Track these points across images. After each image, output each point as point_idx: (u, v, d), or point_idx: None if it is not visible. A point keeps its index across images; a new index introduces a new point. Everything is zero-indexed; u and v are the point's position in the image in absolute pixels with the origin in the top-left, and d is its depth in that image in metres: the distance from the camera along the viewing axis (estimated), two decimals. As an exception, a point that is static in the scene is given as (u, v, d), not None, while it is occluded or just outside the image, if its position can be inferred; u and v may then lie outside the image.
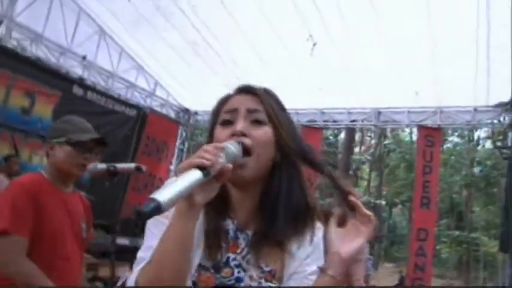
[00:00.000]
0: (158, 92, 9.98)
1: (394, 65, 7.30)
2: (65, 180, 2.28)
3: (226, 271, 1.10)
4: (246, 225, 1.14)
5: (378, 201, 30.96)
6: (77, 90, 8.10)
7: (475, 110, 8.08)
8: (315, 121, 9.33)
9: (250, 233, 1.13)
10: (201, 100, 10.15)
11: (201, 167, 0.93)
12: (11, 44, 7.07)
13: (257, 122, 1.13)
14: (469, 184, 26.60)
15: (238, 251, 1.11)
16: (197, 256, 1.08)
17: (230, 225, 1.14)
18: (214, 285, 1.08)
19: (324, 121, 9.38)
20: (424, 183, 8.05)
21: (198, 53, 8.28)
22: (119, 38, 8.39)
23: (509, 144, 8.04)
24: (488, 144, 27.30)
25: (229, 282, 1.08)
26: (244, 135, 1.09)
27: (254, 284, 1.08)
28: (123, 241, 4.17)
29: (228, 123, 1.14)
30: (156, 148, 9.97)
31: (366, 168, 35.23)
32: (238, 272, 1.10)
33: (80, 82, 8.19)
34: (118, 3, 7.24)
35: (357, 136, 32.58)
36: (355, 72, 7.82)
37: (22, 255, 1.98)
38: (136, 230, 7.32)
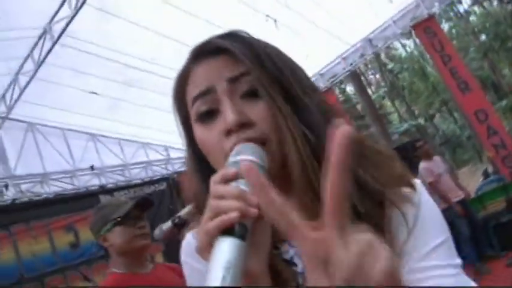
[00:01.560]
0: (172, 154, 9.88)
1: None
2: (136, 260, 2.13)
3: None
4: None
5: (415, 122, 30.44)
6: (105, 199, 8.03)
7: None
8: (321, 86, 9.10)
9: None
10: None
11: (230, 229, 0.56)
12: (26, 197, 7.08)
13: (250, 94, 0.71)
14: (486, 51, 25.79)
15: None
16: None
17: (289, 251, 0.74)
18: None
19: (327, 80, 9.13)
20: (450, 71, 7.71)
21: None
22: (109, 131, 8.32)
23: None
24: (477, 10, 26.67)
25: None
26: (244, 125, 0.69)
27: None
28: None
29: (208, 116, 0.72)
30: (203, 202, 9.84)
31: (387, 102, 34.77)
32: None
33: (103, 190, 8.14)
34: (78, 100, 7.19)
35: (362, 80, 32.31)
36: (329, 21, 7.64)
37: None
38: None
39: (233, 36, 0.75)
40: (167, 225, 2.07)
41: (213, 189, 0.59)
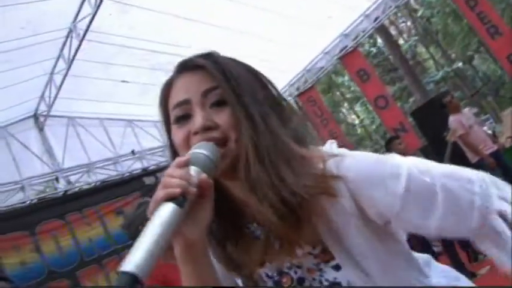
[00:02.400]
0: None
1: None
2: (172, 251, 2.35)
3: (285, 281, 0.93)
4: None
5: (454, 66, 29.43)
6: (149, 180, 8.40)
7: None
8: (346, 46, 9.03)
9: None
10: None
11: (172, 199, 0.73)
12: (76, 187, 7.53)
13: (217, 105, 0.87)
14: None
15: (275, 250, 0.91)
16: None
17: (256, 230, 0.92)
18: None
19: (353, 40, 9.05)
20: (478, 16, 7.47)
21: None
22: (145, 115, 8.62)
23: None
24: None
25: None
26: (208, 128, 0.85)
27: (316, 275, 0.91)
28: None
29: (183, 119, 0.88)
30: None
31: (421, 49, 33.70)
32: (295, 273, 0.93)
33: (146, 172, 8.50)
34: (111, 89, 7.46)
35: (392, 30, 31.34)
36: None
37: None
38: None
39: (210, 56, 0.92)
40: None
41: (167, 171, 0.78)
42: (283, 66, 8.98)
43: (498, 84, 31.26)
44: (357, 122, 35.13)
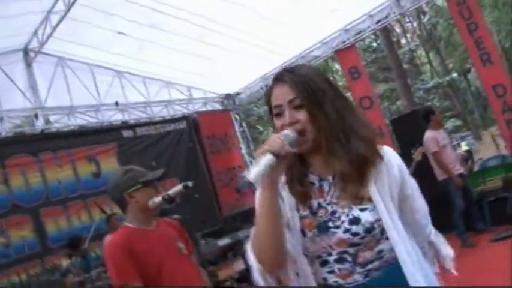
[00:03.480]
0: (195, 94, 10.22)
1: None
2: (148, 219, 2.51)
3: (321, 212, 1.40)
4: (325, 174, 1.43)
5: (449, 78, 29.61)
6: (127, 133, 8.53)
7: None
8: (344, 41, 9.14)
9: (330, 177, 1.42)
10: (237, 79, 10.28)
11: (272, 153, 1.28)
12: (54, 127, 7.60)
13: (298, 107, 1.38)
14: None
15: (325, 194, 1.42)
16: (295, 216, 1.42)
17: (314, 178, 1.45)
18: (316, 225, 1.39)
19: (353, 37, 9.15)
20: (475, 42, 7.63)
21: (207, 41, 8.37)
22: (135, 69, 8.67)
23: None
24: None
25: (327, 219, 1.39)
26: (292, 123, 1.37)
27: (346, 210, 1.37)
28: (224, 241, 4.39)
29: (279, 115, 1.41)
30: (221, 142, 10.24)
31: (421, 53, 33.79)
32: (332, 207, 1.39)
33: (125, 125, 8.61)
34: (106, 39, 7.47)
35: (398, 28, 31.27)
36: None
37: None
38: (237, 224, 7.70)
39: (293, 71, 1.44)
40: (158, 199, 2.43)
41: (273, 136, 1.33)
42: (281, 48, 9.06)
43: (486, 102, 31.64)
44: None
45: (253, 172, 1.26)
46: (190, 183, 2.39)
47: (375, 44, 26.48)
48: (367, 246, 1.36)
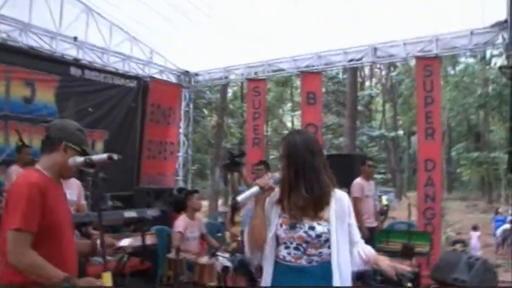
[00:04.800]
0: (155, 60, 10.05)
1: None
2: (62, 175, 2.45)
3: (283, 222, 2.31)
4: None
5: (394, 133, 30.83)
6: (75, 71, 8.25)
7: (472, 33, 7.95)
8: (313, 66, 9.34)
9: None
10: (200, 61, 10.21)
11: (259, 186, 2.28)
12: (1, 37, 7.19)
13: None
14: (484, 104, 26.29)
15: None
16: (277, 217, 2.33)
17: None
18: (289, 223, 2.27)
19: (322, 65, 9.37)
20: (426, 115, 8.06)
21: (188, 16, 8.27)
22: (107, 13, 8.40)
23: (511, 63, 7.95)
24: (501, 62, 26.65)
25: (296, 222, 2.26)
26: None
27: (309, 221, 2.25)
28: (130, 214, 4.38)
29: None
30: (163, 114, 10.15)
31: (379, 100, 34.98)
32: (292, 220, 2.27)
33: (76, 63, 8.32)
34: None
35: (367, 70, 32.22)
36: (348, 12, 7.71)
37: (30, 248, 2.17)
38: (149, 198, 7.67)
39: (286, 137, 2.42)
40: (80, 160, 2.39)
41: (264, 177, 2.37)
42: (253, 49, 9.10)
43: (416, 166, 33.23)
44: (289, 124, 35.83)
45: (242, 197, 2.28)
46: (116, 156, 2.37)
47: (340, 76, 27.12)
48: (314, 245, 2.23)
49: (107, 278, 2.16)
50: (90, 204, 5.27)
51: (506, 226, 13.55)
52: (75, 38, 8.20)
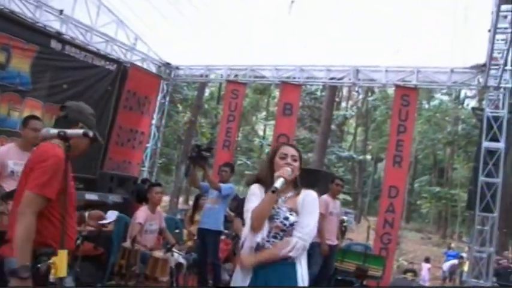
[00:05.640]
0: (139, 47, 9.93)
1: (374, 23, 7.34)
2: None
3: (273, 210, 2.65)
4: (284, 193, 2.71)
5: (362, 157, 31.28)
6: (55, 45, 8.05)
7: (452, 71, 8.18)
8: (295, 78, 9.40)
9: (284, 196, 2.71)
10: (183, 55, 10.14)
11: (284, 178, 2.59)
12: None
13: (295, 160, 2.73)
14: (452, 142, 27.04)
15: (280, 203, 2.69)
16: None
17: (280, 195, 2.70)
18: (269, 216, 2.63)
19: (304, 78, 9.46)
20: (397, 142, 8.24)
21: (178, 8, 8.21)
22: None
23: (484, 105, 8.18)
24: (473, 104, 27.52)
25: (275, 213, 2.65)
26: (290, 165, 2.69)
27: (284, 212, 2.65)
28: (91, 196, 4.27)
29: (283, 158, 2.73)
30: (138, 102, 9.99)
31: (352, 123, 35.47)
32: (279, 209, 2.66)
33: (58, 36, 8.12)
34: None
35: (345, 91, 32.66)
36: (336, 30, 7.81)
37: (35, 214, 2.29)
38: (112, 184, 7.53)
39: (295, 145, 3.19)
40: (53, 131, 2.33)
41: (286, 167, 2.69)
42: (238, 52, 9.10)
43: (378, 192, 33.80)
44: (260, 133, 35.93)
45: (277, 185, 2.54)
46: (91, 133, 2.32)
47: (318, 93, 27.40)
48: (288, 233, 2.61)
49: (63, 254, 2.10)
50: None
51: (455, 261, 13.94)
52: (61, 11, 8.02)
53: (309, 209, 2.65)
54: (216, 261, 6.14)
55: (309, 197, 2.67)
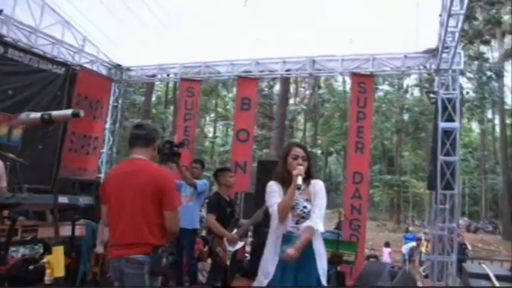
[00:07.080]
0: (87, 48, 9.52)
1: (327, 13, 7.38)
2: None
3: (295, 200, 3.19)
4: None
5: (313, 151, 31.71)
6: (-3, 49, 7.57)
7: (405, 56, 8.36)
8: (251, 71, 9.32)
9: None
10: (134, 56, 9.83)
11: (301, 176, 3.11)
12: None
13: (304, 160, 3.21)
14: (399, 130, 27.91)
15: (299, 194, 3.22)
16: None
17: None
18: (291, 206, 3.18)
19: (259, 71, 9.40)
20: (358, 129, 8.33)
21: (128, 5, 7.93)
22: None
23: (435, 89, 8.42)
24: (417, 92, 28.54)
25: (295, 203, 3.18)
26: (301, 165, 3.18)
27: (303, 202, 3.20)
28: (62, 199, 4.00)
29: (295, 159, 3.21)
30: (89, 106, 9.57)
31: (301, 118, 35.88)
32: (298, 200, 3.19)
33: (0, 39, 7.63)
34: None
35: (292, 88, 33.00)
36: (290, 22, 7.79)
37: None
38: (74, 190, 7.14)
39: (303, 146, 3.52)
40: (35, 115, 2.12)
41: (300, 167, 3.20)
42: (190, 49, 8.91)
43: (334, 186, 34.42)
44: (210, 135, 35.70)
45: (300, 183, 3.00)
46: (82, 113, 2.13)
47: (266, 90, 27.53)
48: (307, 219, 3.13)
49: (59, 251, 1.91)
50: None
51: (413, 243, 14.35)
52: (1, 11, 7.53)
53: (320, 195, 3.21)
54: (193, 261, 5.94)
55: (317, 185, 3.25)
